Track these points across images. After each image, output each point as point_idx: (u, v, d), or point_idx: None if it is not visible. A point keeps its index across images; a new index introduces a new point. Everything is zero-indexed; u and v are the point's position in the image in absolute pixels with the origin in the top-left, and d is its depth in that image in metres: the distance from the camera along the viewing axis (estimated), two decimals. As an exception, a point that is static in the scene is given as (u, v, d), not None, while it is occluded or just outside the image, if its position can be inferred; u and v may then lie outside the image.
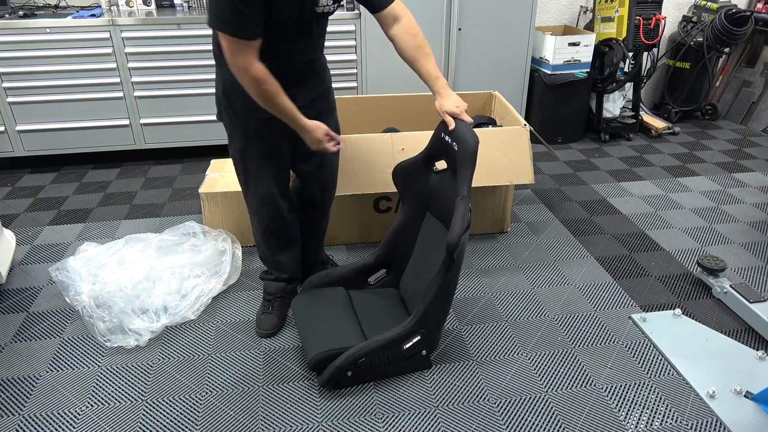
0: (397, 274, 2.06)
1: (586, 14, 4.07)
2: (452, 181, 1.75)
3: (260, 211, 1.90)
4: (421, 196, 1.92)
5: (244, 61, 1.51)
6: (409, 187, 1.94)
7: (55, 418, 1.66)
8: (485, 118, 2.84)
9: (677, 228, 2.72)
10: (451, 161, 1.75)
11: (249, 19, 1.45)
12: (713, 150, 3.72)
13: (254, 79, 1.53)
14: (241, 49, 1.49)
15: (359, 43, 3.30)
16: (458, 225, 1.60)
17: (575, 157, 3.63)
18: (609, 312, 2.11)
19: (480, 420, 1.65)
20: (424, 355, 1.81)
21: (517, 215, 2.84)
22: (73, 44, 3.06)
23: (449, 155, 1.75)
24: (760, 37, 4.17)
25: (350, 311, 1.90)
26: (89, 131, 3.29)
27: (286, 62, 1.65)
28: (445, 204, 1.78)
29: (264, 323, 2.02)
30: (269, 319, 2.03)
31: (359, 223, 2.54)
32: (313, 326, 1.82)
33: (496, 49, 3.50)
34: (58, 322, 2.07)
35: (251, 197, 1.89)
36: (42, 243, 2.61)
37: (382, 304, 1.98)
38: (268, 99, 1.59)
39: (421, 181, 1.90)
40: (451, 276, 1.67)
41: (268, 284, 2.09)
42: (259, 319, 2.04)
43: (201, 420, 1.66)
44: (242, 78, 1.55)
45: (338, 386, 1.75)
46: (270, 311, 2.05)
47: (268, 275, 2.10)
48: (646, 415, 1.66)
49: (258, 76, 1.53)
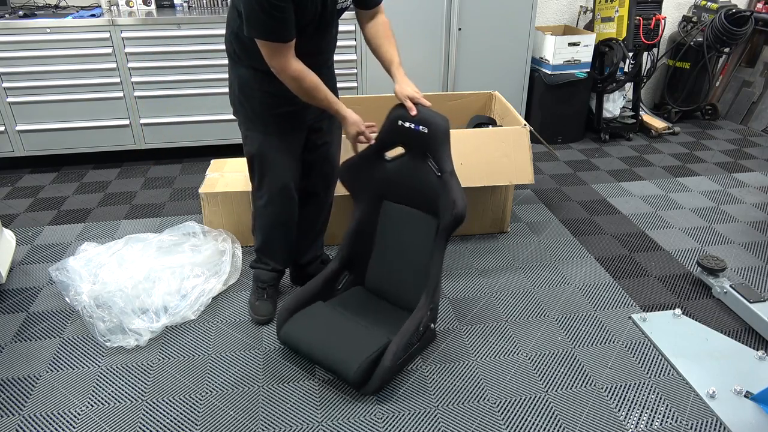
0: (359, 273, 2.05)
1: (586, 14, 4.07)
2: (421, 162, 1.84)
3: (275, 201, 1.93)
4: (376, 187, 1.95)
5: (283, 62, 1.61)
6: (361, 183, 1.95)
7: (55, 418, 1.66)
8: (485, 118, 2.84)
9: (677, 228, 2.72)
10: (417, 144, 1.83)
11: (283, 23, 1.54)
12: (713, 150, 3.72)
13: (293, 77, 1.63)
14: (278, 51, 1.58)
15: (359, 43, 3.30)
16: (460, 197, 1.73)
17: (575, 157, 3.63)
18: (609, 312, 2.11)
19: (480, 420, 1.65)
20: (432, 327, 1.90)
21: (517, 215, 2.84)
22: (73, 44, 3.06)
23: (410, 139, 1.84)
24: (760, 37, 4.17)
25: (349, 318, 1.87)
26: (89, 131, 3.29)
27: (307, 58, 1.69)
28: (411, 186, 1.88)
29: (260, 309, 2.06)
30: (265, 306, 2.07)
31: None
32: (329, 345, 1.75)
33: (496, 49, 3.50)
34: (58, 322, 2.07)
35: (266, 188, 1.91)
36: (42, 243, 2.61)
37: (366, 301, 2.00)
38: (309, 93, 1.68)
39: (374, 173, 1.92)
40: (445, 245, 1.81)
41: (261, 273, 2.11)
42: (255, 306, 2.08)
43: (201, 420, 1.66)
44: (283, 77, 1.65)
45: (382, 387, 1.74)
46: (264, 298, 2.09)
47: (262, 265, 2.11)
48: (646, 415, 1.66)
49: (296, 75, 1.63)
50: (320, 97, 1.70)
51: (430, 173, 1.83)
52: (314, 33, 1.70)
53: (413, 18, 3.30)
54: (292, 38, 1.59)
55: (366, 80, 3.41)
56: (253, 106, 1.79)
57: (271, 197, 1.92)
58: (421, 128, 1.79)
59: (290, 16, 1.54)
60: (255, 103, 1.78)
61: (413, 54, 3.39)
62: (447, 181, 1.76)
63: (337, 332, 1.79)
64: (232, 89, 1.83)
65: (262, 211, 1.97)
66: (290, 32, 1.57)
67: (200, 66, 3.21)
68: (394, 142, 1.89)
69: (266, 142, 1.83)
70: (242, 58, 1.73)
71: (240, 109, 1.83)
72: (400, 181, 1.91)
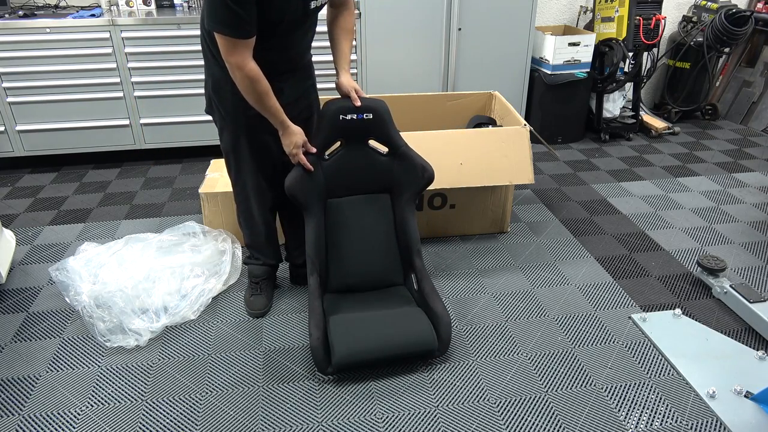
0: (322, 281, 1.97)
1: (586, 14, 4.07)
2: (359, 149, 1.96)
3: (251, 198, 1.96)
4: (320, 190, 1.95)
5: (239, 60, 1.57)
6: (309, 192, 1.91)
7: (55, 418, 1.66)
8: (485, 118, 2.84)
9: (677, 228, 2.72)
10: (359, 133, 1.94)
11: (243, 19, 1.51)
12: (713, 150, 3.72)
13: (247, 77, 1.60)
14: (236, 47, 1.55)
15: (359, 43, 3.30)
16: (425, 161, 1.96)
17: (575, 157, 3.63)
18: (609, 312, 2.11)
19: (480, 420, 1.65)
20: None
21: (517, 215, 2.84)
22: (73, 44, 3.06)
23: (351, 131, 1.93)
24: (760, 37, 4.17)
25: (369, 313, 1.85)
26: (89, 131, 3.29)
27: (278, 54, 1.71)
28: (353, 175, 1.98)
29: (255, 304, 2.10)
30: (259, 300, 2.10)
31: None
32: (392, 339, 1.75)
33: (496, 49, 3.50)
34: (58, 322, 2.07)
35: (241, 185, 1.95)
36: (42, 243, 2.61)
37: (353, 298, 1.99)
38: (258, 97, 1.66)
39: (315, 177, 1.93)
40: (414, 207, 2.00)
41: (254, 268, 2.14)
42: (249, 301, 2.11)
43: (201, 420, 1.66)
44: (235, 75, 1.61)
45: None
46: (258, 292, 2.12)
47: (254, 260, 2.14)
48: (646, 415, 1.66)
49: (251, 75, 1.60)
50: (269, 104, 1.68)
51: (372, 155, 1.98)
52: (289, 31, 1.68)
53: (413, 18, 3.30)
54: (252, 35, 1.56)
55: (366, 80, 3.41)
56: (225, 107, 1.79)
57: (246, 195, 1.96)
58: (365, 116, 1.90)
59: (251, 12, 1.51)
60: (227, 104, 1.78)
61: (413, 54, 3.39)
62: (406, 153, 1.96)
63: (381, 326, 1.78)
64: (206, 88, 1.84)
65: (241, 207, 2.01)
66: (250, 28, 1.54)
67: (200, 66, 3.15)
68: (334, 138, 1.94)
69: (239, 141, 1.85)
70: (216, 56, 1.70)
71: (213, 108, 1.84)
72: (341, 174, 1.97)
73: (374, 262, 2.02)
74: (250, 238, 2.10)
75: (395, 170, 1.99)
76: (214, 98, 1.81)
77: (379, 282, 2.04)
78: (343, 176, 1.98)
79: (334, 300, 1.97)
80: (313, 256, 1.92)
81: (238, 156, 1.89)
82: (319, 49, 2.02)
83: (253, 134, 1.84)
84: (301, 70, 1.87)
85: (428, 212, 2.55)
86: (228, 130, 1.85)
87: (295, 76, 1.84)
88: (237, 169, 1.92)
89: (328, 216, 1.99)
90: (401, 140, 1.97)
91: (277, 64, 1.72)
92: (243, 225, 2.07)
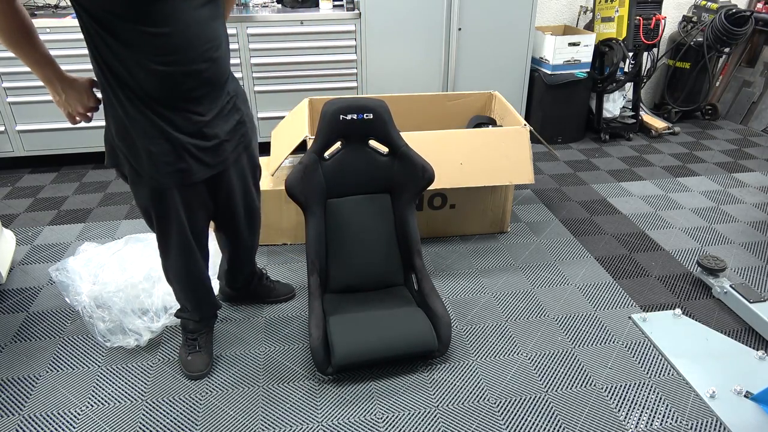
0: (322, 281, 1.96)
1: (586, 14, 4.07)
2: (360, 149, 1.96)
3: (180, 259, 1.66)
4: (321, 190, 1.96)
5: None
6: (310, 193, 1.91)
7: (55, 418, 1.66)
8: (485, 118, 2.84)
9: (677, 228, 2.72)
10: (360, 133, 1.94)
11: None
12: (713, 150, 3.72)
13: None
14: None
15: (359, 43, 3.30)
16: (425, 162, 1.94)
17: (575, 157, 3.63)
18: (609, 312, 2.11)
19: (480, 420, 1.65)
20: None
21: (517, 215, 2.84)
22: (72, 44, 3.06)
23: (351, 131, 1.93)
24: (760, 37, 4.17)
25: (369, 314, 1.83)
26: (89, 131, 3.29)
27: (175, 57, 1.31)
28: (354, 175, 1.99)
29: (194, 365, 1.80)
30: (199, 359, 1.81)
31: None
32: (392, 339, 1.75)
33: (496, 49, 3.50)
34: (58, 322, 2.07)
35: (166, 249, 1.64)
36: (42, 243, 2.61)
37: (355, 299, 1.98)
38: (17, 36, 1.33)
39: (315, 177, 1.93)
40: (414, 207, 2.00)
41: (188, 323, 1.83)
42: (187, 362, 1.81)
43: (201, 420, 1.66)
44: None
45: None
46: (197, 350, 1.82)
47: (187, 314, 1.83)
48: (646, 415, 1.66)
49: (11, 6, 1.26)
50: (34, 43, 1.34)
51: (372, 155, 1.98)
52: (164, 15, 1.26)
53: (413, 18, 3.30)
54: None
55: (366, 80, 3.41)
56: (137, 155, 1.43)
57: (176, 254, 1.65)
58: (365, 116, 1.90)
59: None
60: (140, 151, 1.42)
61: (413, 54, 3.39)
62: (406, 153, 1.95)
63: (381, 327, 1.77)
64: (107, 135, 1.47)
65: (171, 267, 1.69)
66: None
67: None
68: (334, 139, 1.94)
69: (159, 196, 1.51)
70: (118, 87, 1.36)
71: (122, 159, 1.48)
72: (341, 175, 1.98)
73: (374, 262, 2.02)
74: (182, 294, 1.77)
75: (395, 170, 1.99)
76: (121, 147, 1.42)
77: (379, 282, 2.04)
78: (343, 176, 1.98)
79: (334, 300, 1.97)
80: (312, 256, 1.92)
81: (159, 214, 1.54)
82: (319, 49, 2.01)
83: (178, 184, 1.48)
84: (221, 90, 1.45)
85: (428, 212, 2.55)
86: (143, 183, 1.47)
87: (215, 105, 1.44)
88: (161, 229, 1.58)
89: (328, 216, 1.99)
90: (401, 140, 1.97)
91: (176, 78, 1.31)
92: (173, 282, 1.74)
